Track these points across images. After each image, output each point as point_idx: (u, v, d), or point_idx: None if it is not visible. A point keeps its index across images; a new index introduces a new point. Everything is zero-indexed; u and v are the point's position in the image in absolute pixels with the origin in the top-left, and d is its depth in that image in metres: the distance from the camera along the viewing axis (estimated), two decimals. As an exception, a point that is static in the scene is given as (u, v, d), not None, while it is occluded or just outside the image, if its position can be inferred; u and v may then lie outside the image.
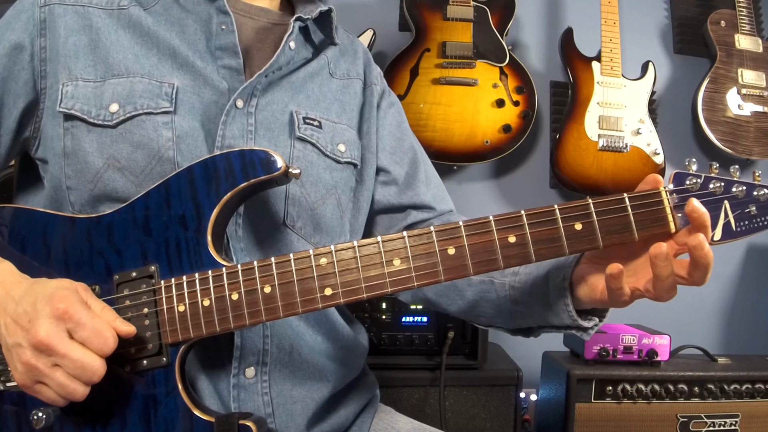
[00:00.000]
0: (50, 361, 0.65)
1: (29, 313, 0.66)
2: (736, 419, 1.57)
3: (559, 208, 0.70)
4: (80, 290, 0.70)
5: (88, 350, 0.66)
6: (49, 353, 0.65)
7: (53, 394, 0.67)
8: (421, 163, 1.06)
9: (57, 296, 0.67)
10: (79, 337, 0.66)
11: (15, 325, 0.67)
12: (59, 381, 0.66)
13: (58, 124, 0.82)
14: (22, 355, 0.66)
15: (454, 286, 0.94)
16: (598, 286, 0.74)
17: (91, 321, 0.67)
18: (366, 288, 0.71)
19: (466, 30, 1.98)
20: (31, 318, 0.66)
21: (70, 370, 0.66)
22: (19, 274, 0.74)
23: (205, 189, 0.75)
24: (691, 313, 2.23)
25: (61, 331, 0.66)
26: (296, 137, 0.89)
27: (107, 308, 0.71)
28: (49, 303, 0.66)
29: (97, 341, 0.67)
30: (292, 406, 0.85)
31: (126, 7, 0.86)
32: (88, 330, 0.66)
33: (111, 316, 0.70)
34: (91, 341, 0.66)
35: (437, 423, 1.47)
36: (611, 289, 0.70)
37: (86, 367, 0.66)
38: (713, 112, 2.06)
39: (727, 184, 0.71)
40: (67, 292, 0.68)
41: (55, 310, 0.65)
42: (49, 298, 0.66)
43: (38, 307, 0.66)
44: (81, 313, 0.67)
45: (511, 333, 0.93)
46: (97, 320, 0.68)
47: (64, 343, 0.65)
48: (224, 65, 0.87)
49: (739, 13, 2.12)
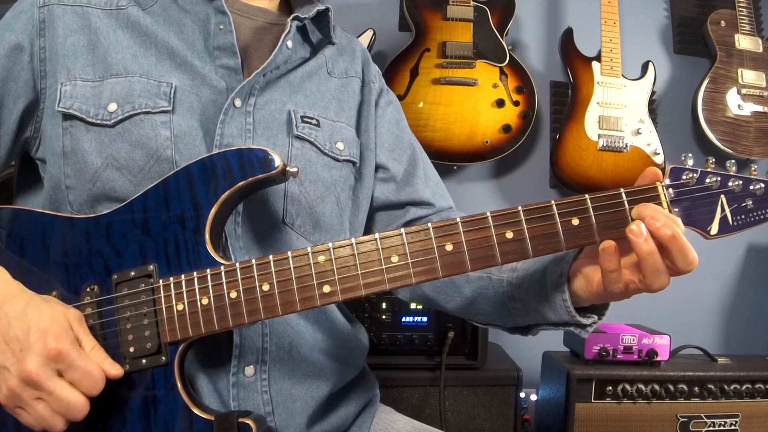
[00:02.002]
0: (35, 394, 0.66)
1: (21, 341, 0.66)
2: (736, 419, 1.57)
3: (556, 204, 0.70)
4: (74, 325, 0.70)
5: (75, 390, 0.67)
6: (35, 387, 0.65)
7: (32, 420, 0.67)
8: (419, 160, 1.06)
9: (50, 334, 0.66)
10: (70, 378, 0.67)
11: (5, 345, 0.67)
12: (41, 413, 0.66)
13: (57, 123, 0.82)
14: (8, 380, 0.66)
15: (451, 282, 0.94)
16: (594, 278, 0.74)
17: (83, 363, 0.67)
18: (364, 285, 0.71)
19: (466, 30, 1.99)
20: (22, 347, 0.66)
21: (54, 406, 0.66)
22: (14, 284, 0.73)
23: (204, 188, 0.75)
24: (691, 313, 2.23)
25: (51, 369, 0.66)
26: (294, 136, 0.89)
27: (97, 347, 0.71)
28: (41, 339, 0.66)
29: (86, 383, 0.67)
30: (292, 404, 0.85)
31: (125, 7, 0.86)
32: (80, 372, 0.67)
33: (101, 357, 0.71)
34: (81, 383, 0.67)
35: (437, 423, 1.47)
36: (606, 272, 0.69)
37: (71, 406, 0.66)
38: (713, 112, 2.06)
39: (723, 178, 0.71)
40: (60, 330, 0.68)
41: (47, 350, 0.65)
42: (42, 334, 0.66)
43: (31, 340, 0.66)
44: (74, 356, 0.67)
45: (510, 331, 0.93)
46: (88, 362, 0.68)
47: (53, 382, 0.66)
48: (222, 65, 0.88)
49: (739, 13, 2.12)
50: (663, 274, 0.68)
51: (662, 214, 0.67)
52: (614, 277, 0.69)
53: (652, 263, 0.67)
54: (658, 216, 0.67)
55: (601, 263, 0.70)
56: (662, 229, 0.66)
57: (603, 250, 0.68)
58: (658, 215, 0.67)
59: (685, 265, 0.67)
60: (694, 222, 0.71)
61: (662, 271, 0.68)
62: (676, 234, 0.66)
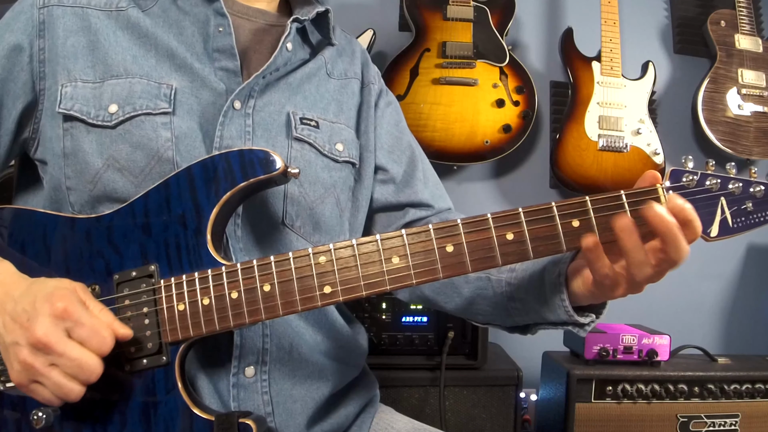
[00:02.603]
0: (47, 360, 0.66)
1: (28, 311, 0.66)
2: (736, 419, 1.57)
3: (557, 206, 0.71)
4: (79, 290, 0.70)
5: (86, 349, 0.67)
6: (46, 352, 0.65)
7: (48, 394, 0.67)
8: (419, 161, 1.07)
9: (56, 295, 0.67)
10: (77, 336, 0.67)
11: (13, 323, 0.67)
12: (55, 380, 0.66)
13: (57, 125, 0.82)
14: (19, 353, 0.66)
15: (451, 283, 0.95)
16: (590, 277, 0.74)
17: (90, 320, 0.67)
18: (365, 286, 0.71)
19: (466, 30, 1.99)
20: (30, 317, 0.66)
21: (67, 369, 0.66)
22: (19, 274, 0.74)
23: (205, 189, 0.76)
24: (691, 313, 2.23)
25: (60, 330, 0.66)
26: (293, 138, 0.89)
27: (105, 310, 0.71)
28: (48, 301, 0.66)
29: (95, 340, 0.67)
30: (292, 405, 0.85)
31: (124, 9, 0.86)
32: (87, 329, 0.67)
33: (109, 317, 0.71)
34: (89, 340, 0.67)
35: (437, 423, 1.47)
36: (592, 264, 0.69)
37: (84, 366, 0.66)
38: (713, 112, 2.06)
39: (723, 180, 0.71)
40: (65, 291, 0.68)
41: (53, 309, 0.66)
42: (48, 297, 0.67)
43: (37, 306, 0.66)
44: (80, 312, 0.67)
45: (509, 331, 0.93)
46: (95, 320, 0.68)
47: (63, 342, 0.65)
48: (222, 67, 0.88)
49: (739, 13, 2.12)
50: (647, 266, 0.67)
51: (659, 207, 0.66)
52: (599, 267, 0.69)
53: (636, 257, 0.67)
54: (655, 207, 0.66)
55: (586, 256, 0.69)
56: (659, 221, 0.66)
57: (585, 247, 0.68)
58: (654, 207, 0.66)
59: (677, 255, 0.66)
60: (695, 224, 0.71)
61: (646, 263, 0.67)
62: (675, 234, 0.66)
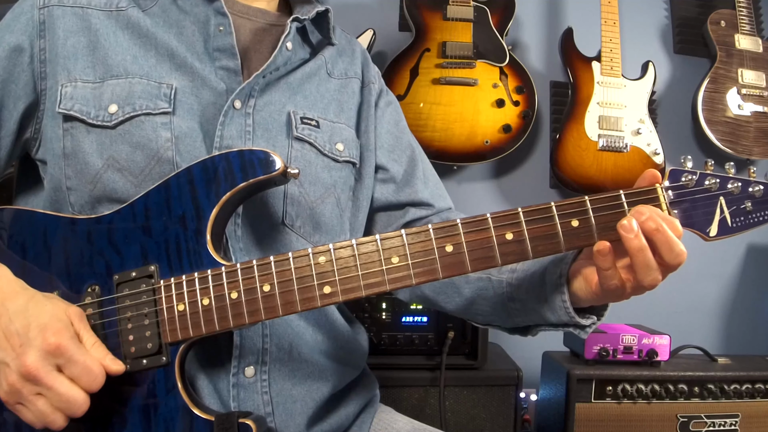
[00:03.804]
0: (34, 390, 0.66)
1: (21, 336, 0.66)
2: (736, 419, 1.57)
3: (556, 206, 0.71)
4: (75, 321, 0.70)
5: (75, 386, 0.67)
6: (35, 383, 0.65)
7: (32, 417, 0.67)
8: (419, 160, 1.07)
9: (50, 329, 0.66)
10: (69, 373, 0.67)
11: (6, 341, 0.67)
12: (40, 409, 0.66)
13: (57, 125, 0.82)
14: (8, 376, 0.66)
15: (451, 283, 0.95)
16: (593, 279, 0.74)
17: (82, 358, 0.67)
18: (365, 286, 0.71)
19: (466, 30, 1.99)
20: (22, 343, 0.66)
21: (54, 402, 0.66)
22: (16, 281, 0.73)
23: (205, 189, 0.76)
24: (691, 313, 2.23)
25: (50, 365, 0.66)
26: (294, 137, 0.89)
27: (98, 343, 0.71)
28: (41, 334, 0.66)
29: (86, 379, 0.67)
30: (292, 405, 0.85)
31: (124, 9, 0.86)
32: (79, 367, 0.67)
33: (101, 352, 0.70)
34: (80, 378, 0.67)
35: (437, 423, 1.47)
36: (601, 271, 0.70)
37: (71, 401, 0.66)
38: (713, 112, 2.06)
39: (722, 180, 0.71)
40: (60, 325, 0.68)
41: (47, 345, 0.66)
42: (42, 329, 0.66)
43: (30, 335, 0.66)
44: (72, 350, 0.67)
45: (509, 332, 0.93)
46: (87, 357, 0.68)
47: (52, 377, 0.66)
48: (222, 66, 0.88)
49: (739, 13, 2.12)
50: (653, 270, 0.68)
51: (648, 209, 0.68)
52: (610, 274, 0.70)
53: (642, 259, 0.67)
54: (644, 210, 0.68)
55: (596, 262, 0.70)
56: (647, 222, 0.67)
57: (597, 251, 0.69)
58: (643, 209, 0.68)
59: (672, 257, 0.67)
60: (693, 224, 0.71)
61: (653, 267, 0.68)
62: (660, 227, 0.66)
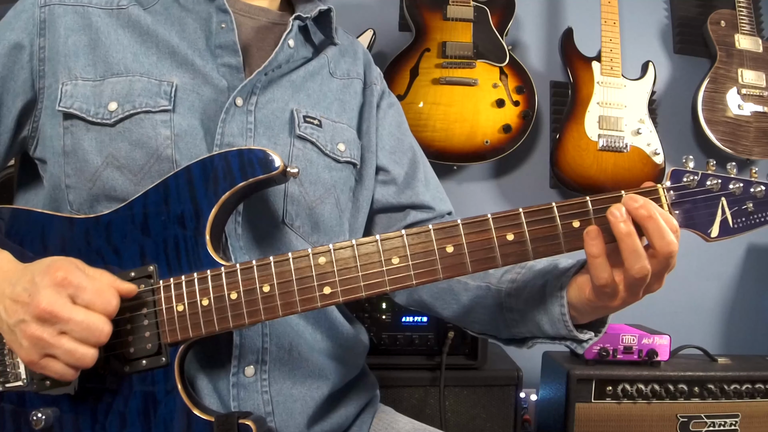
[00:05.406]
0: (55, 330, 0.65)
1: (28, 288, 0.66)
2: (736, 419, 1.57)
3: (557, 206, 0.70)
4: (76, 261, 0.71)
5: (91, 312, 0.67)
6: (53, 321, 0.65)
7: (62, 366, 0.67)
8: (420, 163, 1.06)
9: (54, 266, 0.67)
10: (82, 301, 0.67)
11: (15, 304, 0.67)
12: (67, 347, 0.66)
13: (57, 123, 0.82)
14: (26, 329, 0.66)
15: (450, 289, 0.94)
16: (587, 286, 0.73)
17: (92, 283, 0.67)
18: (365, 287, 0.71)
19: (466, 30, 1.99)
20: (31, 292, 0.66)
21: (76, 334, 0.66)
22: (15, 262, 0.74)
23: (204, 188, 0.75)
24: (691, 313, 2.23)
25: (63, 297, 0.66)
26: (296, 135, 0.89)
27: (105, 272, 0.71)
28: (47, 273, 0.66)
29: (100, 301, 0.67)
30: (292, 404, 0.85)
31: (125, 7, 0.86)
32: (90, 292, 0.67)
33: (110, 277, 0.71)
34: (94, 303, 0.67)
35: (437, 423, 1.47)
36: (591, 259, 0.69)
37: (92, 327, 0.66)
38: (713, 112, 2.06)
39: (724, 181, 0.71)
40: (63, 261, 0.68)
41: (54, 279, 0.66)
42: (46, 269, 0.67)
43: (37, 280, 0.66)
44: (80, 278, 0.67)
45: (505, 343, 0.93)
46: (97, 282, 0.68)
47: (68, 308, 0.65)
48: (224, 63, 0.87)
49: (739, 13, 2.12)
50: (642, 258, 0.67)
51: (643, 198, 0.68)
52: (599, 263, 0.69)
53: (630, 243, 0.67)
54: (638, 198, 0.68)
55: (586, 249, 0.69)
56: (639, 209, 0.67)
57: (586, 234, 0.69)
58: (638, 197, 0.68)
59: (664, 245, 0.67)
60: (695, 224, 0.71)
61: (641, 254, 0.67)
62: (653, 215, 0.66)
